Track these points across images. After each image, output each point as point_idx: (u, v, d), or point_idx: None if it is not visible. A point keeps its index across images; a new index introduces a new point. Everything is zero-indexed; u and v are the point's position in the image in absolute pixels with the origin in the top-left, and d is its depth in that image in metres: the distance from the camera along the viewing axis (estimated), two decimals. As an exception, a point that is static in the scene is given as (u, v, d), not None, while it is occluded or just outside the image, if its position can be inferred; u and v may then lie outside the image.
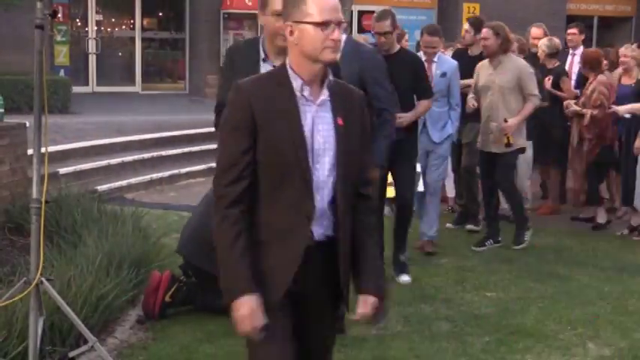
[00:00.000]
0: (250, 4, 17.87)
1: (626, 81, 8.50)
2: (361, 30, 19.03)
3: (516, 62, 7.45)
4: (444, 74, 7.20)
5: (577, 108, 8.50)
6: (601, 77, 8.40)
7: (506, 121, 7.18)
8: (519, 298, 6.12)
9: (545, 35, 9.20)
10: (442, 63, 7.28)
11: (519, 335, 5.28)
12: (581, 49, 9.39)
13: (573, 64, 9.65)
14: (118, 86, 19.54)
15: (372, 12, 22.05)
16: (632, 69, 8.45)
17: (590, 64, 8.49)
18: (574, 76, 9.46)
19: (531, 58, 8.70)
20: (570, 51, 9.81)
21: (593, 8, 23.70)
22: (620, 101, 8.31)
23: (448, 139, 7.31)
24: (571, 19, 21.36)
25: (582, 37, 9.56)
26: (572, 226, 8.68)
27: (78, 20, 19.74)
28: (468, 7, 20.99)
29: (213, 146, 12.01)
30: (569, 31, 9.53)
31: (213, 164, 11.26)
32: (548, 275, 6.76)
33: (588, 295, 6.24)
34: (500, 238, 7.63)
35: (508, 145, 7.25)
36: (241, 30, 19.17)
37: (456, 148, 8.14)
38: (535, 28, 9.30)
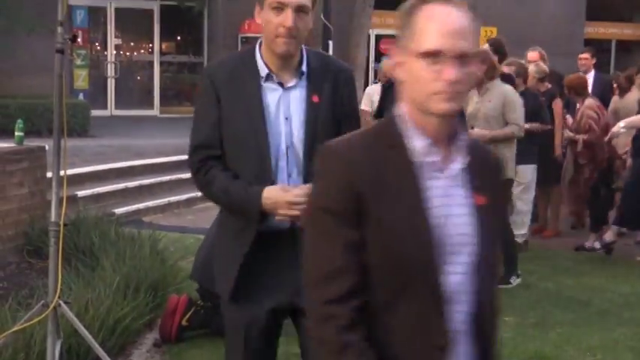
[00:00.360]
0: (268, 28, 17.97)
1: None
2: (379, 54, 19.07)
3: (502, 89, 7.11)
4: None
5: (570, 134, 8.48)
6: (588, 101, 8.37)
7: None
8: (538, 323, 6.08)
9: (542, 59, 9.11)
10: None
11: (538, 361, 5.25)
12: (593, 72, 9.34)
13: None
14: (136, 109, 19.66)
15: (391, 36, 22.21)
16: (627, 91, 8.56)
17: (575, 90, 8.46)
18: None
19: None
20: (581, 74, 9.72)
21: (611, 32, 23.71)
22: None
23: None
24: (589, 43, 21.35)
25: (594, 61, 9.52)
26: (591, 252, 8.61)
27: (97, 44, 19.92)
28: (486, 31, 21.02)
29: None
30: (581, 55, 9.52)
31: (231, 187, 11.05)
32: (567, 300, 6.71)
33: (608, 320, 6.19)
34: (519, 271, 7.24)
35: None
36: (259, 54, 19.27)
37: None
38: (531, 52, 9.20)
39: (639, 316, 6.31)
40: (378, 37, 21.08)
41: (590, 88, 9.02)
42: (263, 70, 2.97)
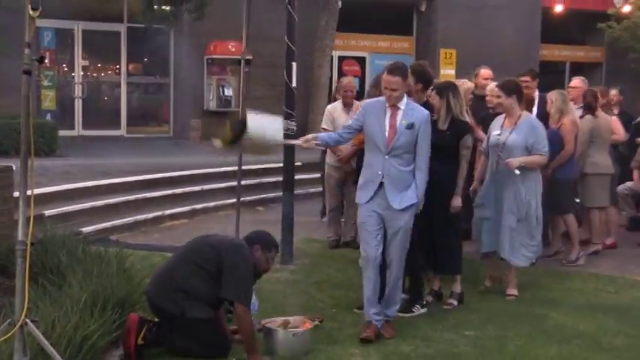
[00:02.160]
0: (234, 50, 17.99)
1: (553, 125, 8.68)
2: (341, 75, 19.16)
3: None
4: (410, 125, 5.84)
5: None
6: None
7: None
8: (497, 336, 6.11)
9: (490, 79, 9.02)
10: (410, 111, 5.92)
11: (497, 373, 5.28)
12: (536, 93, 9.40)
13: (533, 110, 9.54)
14: (103, 130, 19.52)
15: (352, 58, 22.34)
16: (553, 114, 8.64)
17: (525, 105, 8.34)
18: None
19: (478, 99, 8.70)
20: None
21: (565, 54, 24.10)
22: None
23: (411, 209, 5.89)
24: (544, 65, 21.73)
25: (536, 82, 9.55)
26: (547, 265, 8.70)
27: (64, 65, 19.76)
28: (445, 53, 21.24)
29: (197, 188, 12.06)
30: (522, 78, 9.54)
31: (197, 206, 11.30)
32: (525, 314, 6.77)
33: (564, 333, 6.25)
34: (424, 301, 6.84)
35: None
36: (224, 75, 19.27)
37: None
38: (484, 69, 9.17)
39: (594, 328, 6.37)
40: (341, 59, 21.19)
41: (535, 110, 9.08)
42: None
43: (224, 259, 5.38)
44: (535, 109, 8.96)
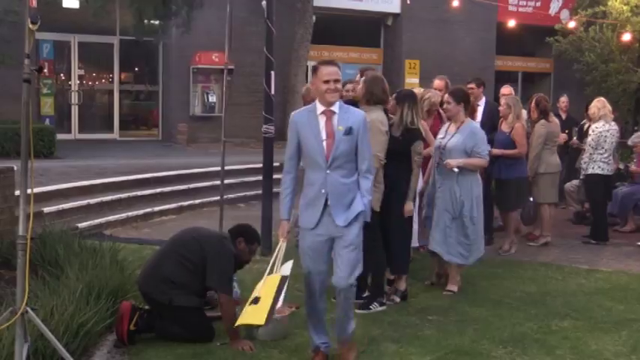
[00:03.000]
0: (217, 60, 17.93)
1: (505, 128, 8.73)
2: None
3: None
4: (348, 130, 4.81)
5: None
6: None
7: None
8: (457, 320, 6.13)
9: (447, 87, 8.78)
10: (345, 114, 4.87)
11: (457, 354, 5.29)
12: (483, 100, 9.42)
13: (476, 116, 9.17)
14: (98, 133, 19.41)
15: (325, 68, 21.97)
16: (507, 116, 8.68)
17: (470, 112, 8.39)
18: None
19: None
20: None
21: (517, 65, 24.27)
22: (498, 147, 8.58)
23: (357, 220, 4.85)
24: (499, 74, 21.87)
25: (482, 89, 9.55)
26: (502, 257, 8.75)
27: (62, 74, 19.61)
28: (410, 63, 21.30)
29: (184, 187, 12.00)
30: (468, 85, 9.55)
31: (184, 203, 11.18)
32: (483, 300, 6.79)
33: (517, 317, 6.28)
34: (385, 300, 6.50)
35: None
36: (209, 83, 19.21)
37: None
38: (438, 80, 8.99)
39: (544, 313, 6.41)
40: (315, 69, 21.16)
41: (480, 115, 9.12)
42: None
43: (207, 251, 5.37)
44: (480, 114, 9.00)
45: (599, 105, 9.56)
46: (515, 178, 8.71)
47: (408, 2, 20.61)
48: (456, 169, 6.77)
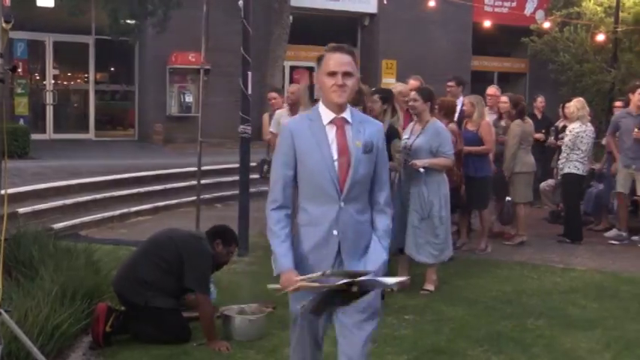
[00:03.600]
0: (193, 60, 17.86)
1: (471, 127, 8.78)
2: (292, 83, 19.12)
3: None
4: (369, 147, 3.46)
5: None
6: (451, 125, 8.22)
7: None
8: (434, 320, 6.16)
9: (422, 84, 8.85)
10: (360, 124, 3.50)
11: (434, 353, 5.31)
12: (462, 98, 9.49)
13: (455, 115, 9.53)
14: (73, 134, 19.28)
15: (303, 67, 22.27)
16: (471, 115, 8.73)
17: (445, 111, 8.29)
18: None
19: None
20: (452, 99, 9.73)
21: (493, 65, 24.44)
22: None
23: (380, 271, 3.46)
24: (475, 74, 21.99)
25: (460, 88, 9.64)
26: (478, 256, 8.80)
27: (36, 74, 19.45)
28: (386, 63, 21.36)
29: (160, 187, 11.95)
30: (448, 83, 9.61)
31: (160, 203, 11.12)
32: (459, 299, 6.83)
33: (493, 316, 6.32)
34: None
35: None
36: (185, 83, 19.13)
37: None
38: (413, 80, 9.04)
39: (519, 311, 6.45)
40: (292, 68, 21.17)
41: (457, 113, 9.17)
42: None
43: (184, 252, 5.35)
44: (457, 113, 9.07)
45: (579, 105, 9.64)
46: (482, 177, 8.75)
47: (385, 2, 20.66)
48: (421, 170, 6.74)
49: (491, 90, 10.23)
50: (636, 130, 9.47)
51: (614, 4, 16.88)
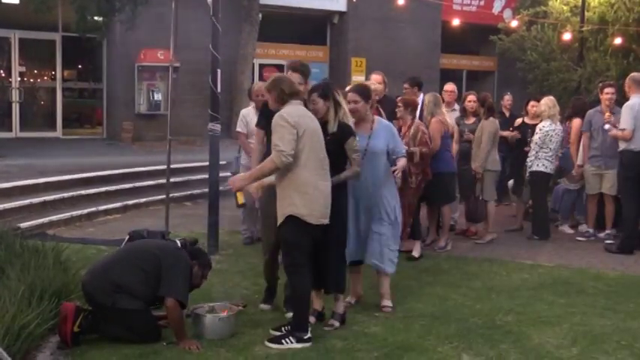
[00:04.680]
0: (162, 57, 17.72)
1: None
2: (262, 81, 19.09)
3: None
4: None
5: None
6: (417, 120, 8.26)
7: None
8: (404, 317, 6.18)
9: (384, 81, 8.93)
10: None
11: (404, 350, 5.33)
12: (421, 97, 9.49)
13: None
14: (40, 132, 19.03)
15: (273, 65, 22.22)
16: (425, 115, 8.73)
17: (412, 108, 8.19)
18: None
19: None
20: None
21: (462, 63, 24.59)
22: None
23: None
24: (444, 72, 22.11)
25: (415, 89, 9.57)
26: (448, 252, 8.85)
27: (2, 71, 19.20)
28: (356, 61, 21.38)
29: (129, 185, 11.86)
30: (404, 85, 9.59)
31: (129, 202, 11.05)
32: (428, 296, 6.86)
33: (463, 312, 6.36)
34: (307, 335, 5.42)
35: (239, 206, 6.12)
36: (154, 81, 18.99)
37: None
38: (375, 75, 8.99)
39: (488, 308, 6.50)
40: (262, 66, 21.11)
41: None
42: None
43: (162, 261, 5.32)
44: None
45: (550, 104, 9.72)
46: (443, 172, 8.69)
47: (354, 0, 20.68)
48: (399, 175, 6.53)
49: (449, 86, 10.25)
50: (607, 114, 9.57)
51: (580, 3, 17.07)
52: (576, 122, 10.27)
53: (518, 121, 11.03)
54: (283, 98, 5.48)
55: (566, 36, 17.42)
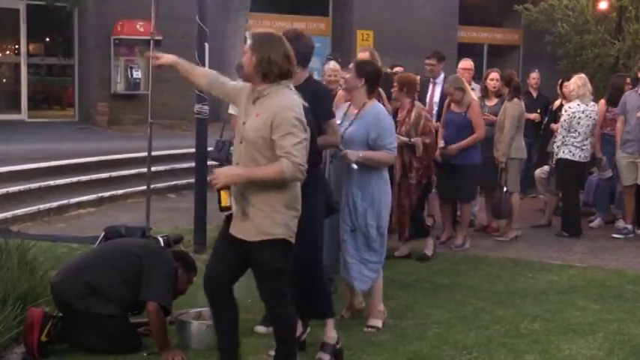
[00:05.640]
0: (142, 30, 17.70)
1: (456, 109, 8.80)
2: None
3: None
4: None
5: (404, 139, 7.59)
6: (419, 104, 8.08)
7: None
8: (416, 324, 6.20)
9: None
10: None
11: (416, 361, 5.36)
12: (442, 76, 9.48)
13: (434, 94, 9.57)
14: (2, 114, 19.01)
15: (266, 39, 21.92)
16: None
17: (408, 88, 7.84)
18: (435, 107, 9.46)
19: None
20: (431, 80, 9.65)
21: (483, 36, 24.51)
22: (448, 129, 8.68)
23: None
24: (462, 47, 22.07)
25: (441, 65, 9.59)
26: (466, 252, 8.85)
27: (-43, 45, 19.23)
28: (362, 34, 21.35)
29: (105, 175, 11.87)
30: (427, 61, 9.53)
31: (105, 194, 11.08)
32: (444, 300, 6.88)
33: (483, 319, 6.37)
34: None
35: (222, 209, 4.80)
36: (132, 56, 18.97)
37: None
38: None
39: (512, 314, 6.52)
40: (255, 40, 21.09)
41: (437, 94, 9.22)
42: None
43: (144, 262, 5.33)
44: (438, 93, 9.09)
45: (580, 82, 9.69)
46: (469, 164, 8.72)
47: (360, -35, 20.65)
48: (354, 166, 5.78)
49: (466, 63, 10.13)
50: None
51: (618, -33, 17.03)
52: (601, 104, 10.23)
53: (556, 103, 11.00)
54: (270, 76, 4.59)
55: (603, 5, 17.40)
